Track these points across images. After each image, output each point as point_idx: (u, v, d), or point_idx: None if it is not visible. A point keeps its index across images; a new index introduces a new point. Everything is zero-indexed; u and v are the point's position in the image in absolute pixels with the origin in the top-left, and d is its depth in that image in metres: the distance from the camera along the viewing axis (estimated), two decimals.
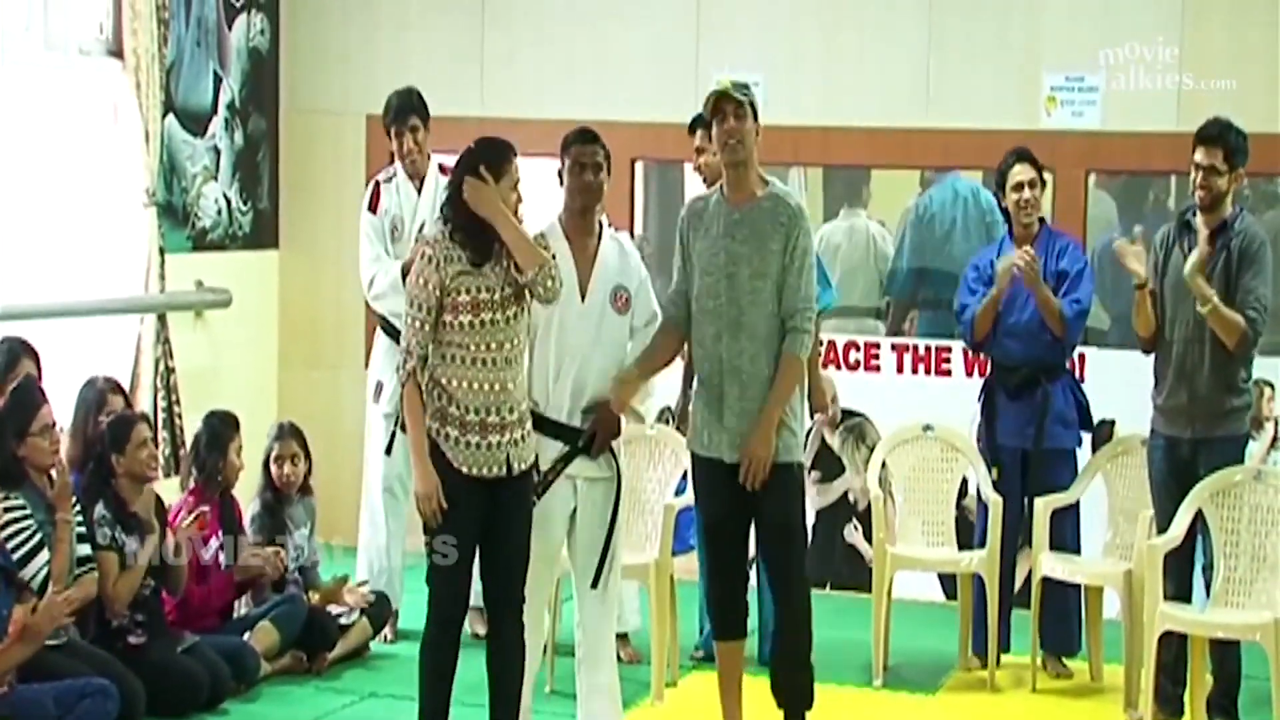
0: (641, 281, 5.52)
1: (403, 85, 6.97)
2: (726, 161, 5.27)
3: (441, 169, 6.78)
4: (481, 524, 5.13)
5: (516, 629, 5.25)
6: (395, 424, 6.68)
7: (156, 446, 6.17)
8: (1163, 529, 5.94)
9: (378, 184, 6.84)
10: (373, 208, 6.79)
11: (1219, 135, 5.82)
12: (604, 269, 5.40)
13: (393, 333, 6.76)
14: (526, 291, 5.09)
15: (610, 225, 5.62)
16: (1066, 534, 6.49)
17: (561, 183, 5.48)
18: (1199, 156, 5.83)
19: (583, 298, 5.36)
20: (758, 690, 5.41)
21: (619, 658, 6.59)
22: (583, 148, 5.38)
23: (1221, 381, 5.84)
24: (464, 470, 5.08)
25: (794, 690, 5.30)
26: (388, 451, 6.72)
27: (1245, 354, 5.87)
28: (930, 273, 8.55)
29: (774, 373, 5.16)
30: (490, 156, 5.12)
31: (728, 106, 5.21)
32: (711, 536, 5.34)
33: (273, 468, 6.61)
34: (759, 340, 5.17)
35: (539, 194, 5.78)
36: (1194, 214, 5.94)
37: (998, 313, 6.46)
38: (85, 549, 5.80)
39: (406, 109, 6.71)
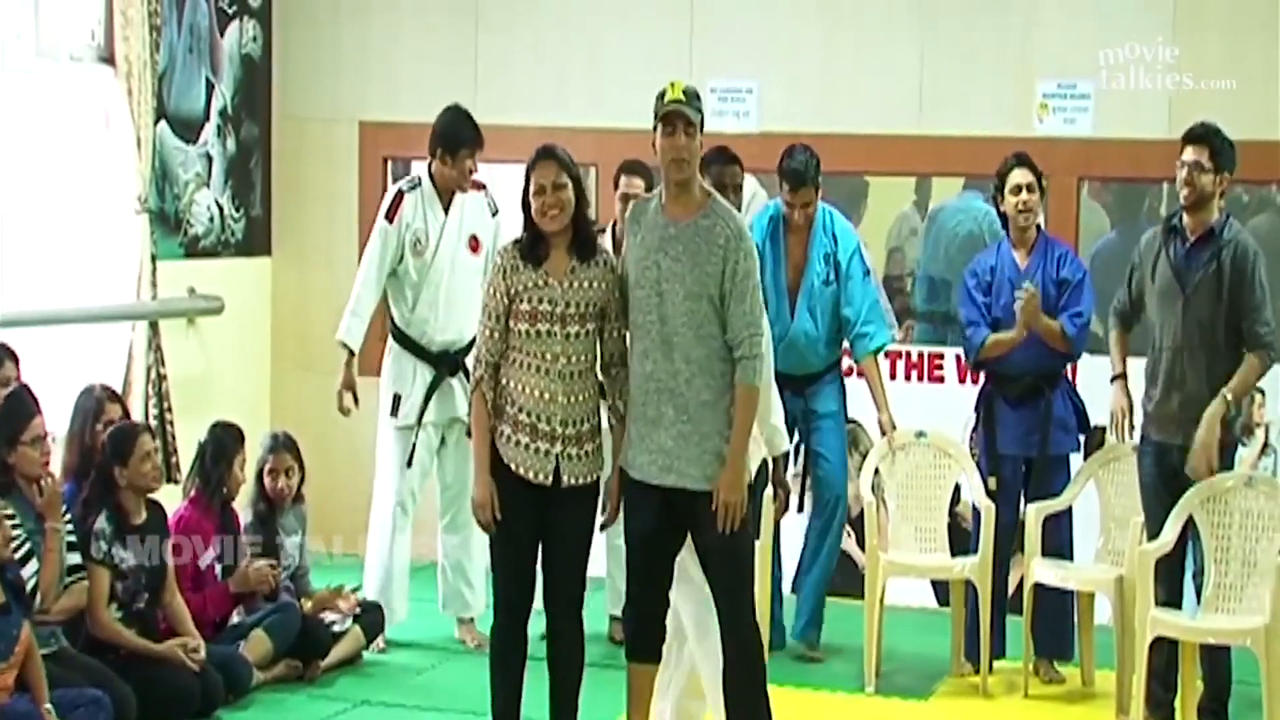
0: None
1: (396, 93, 6.96)
2: (673, 179, 5.11)
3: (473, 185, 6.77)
4: (536, 524, 5.19)
5: (573, 629, 5.29)
6: (415, 436, 6.70)
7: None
8: (1153, 535, 5.95)
9: (400, 192, 6.73)
10: (390, 216, 6.70)
11: (1205, 135, 5.88)
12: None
13: (407, 344, 6.76)
14: (605, 312, 5.16)
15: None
16: (1062, 540, 6.51)
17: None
18: (1185, 154, 5.88)
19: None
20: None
21: (614, 639, 6.59)
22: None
23: (1211, 389, 5.84)
24: (512, 468, 5.18)
25: None
26: (409, 464, 6.72)
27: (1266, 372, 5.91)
28: (938, 283, 8.61)
29: (715, 397, 5.03)
30: (526, 175, 5.24)
31: (679, 121, 5.04)
32: (637, 556, 5.20)
33: (267, 480, 6.58)
34: (695, 362, 5.02)
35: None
36: (1180, 218, 5.96)
37: (996, 318, 6.49)
38: (75, 557, 5.80)
39: (473, 136, 6.62)
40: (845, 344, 6.83)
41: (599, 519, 5.30)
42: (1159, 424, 5.96)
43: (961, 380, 7.47)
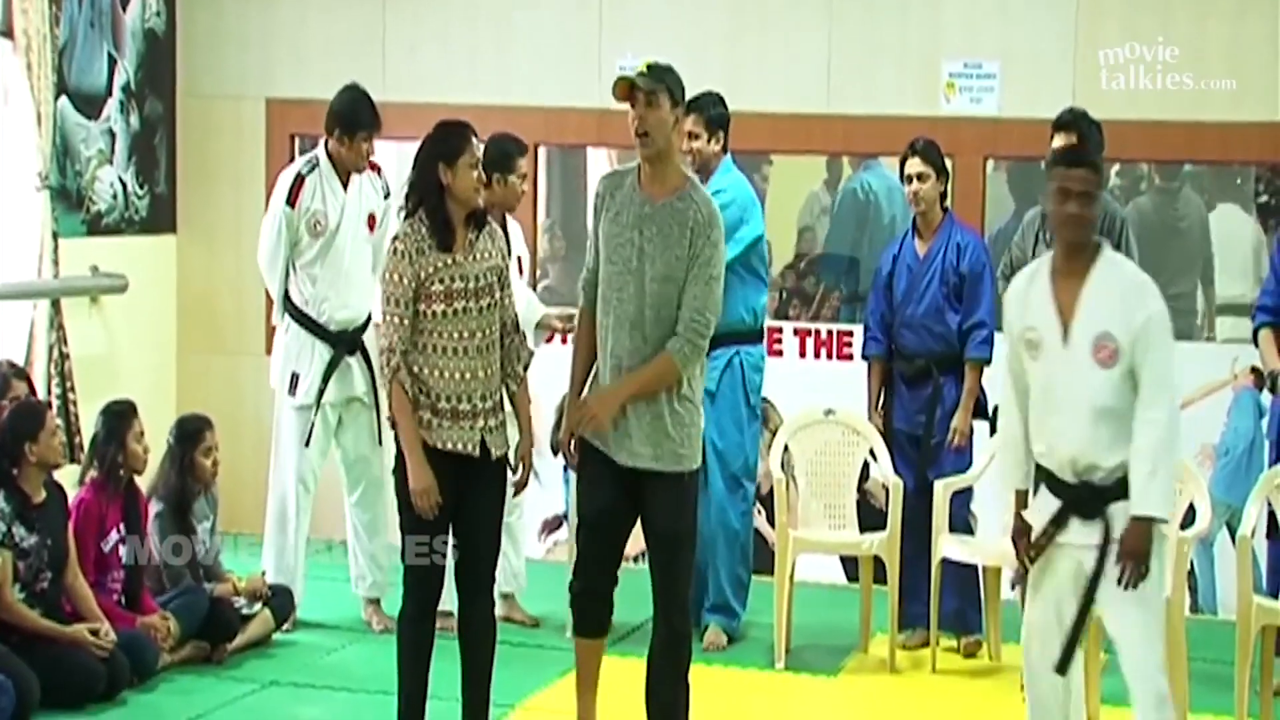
0: None
1: (303, 70, 6.91)
2: (641, 154, 5.06)
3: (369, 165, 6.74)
4: (453, 500, 5.15)
5: (486, 611, 5.28)
6: (314, 414, 6.65)
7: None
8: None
9: (300, 176, 6.68)
10: (292, 201, 6.64)
11: (1073, 121, 6.03)
12: None
13: (306, 322, 6.70)
14: (502, 279, 5.18)
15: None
16: (957, 515, 6.55)
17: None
18: (1056, 142, 6.00)
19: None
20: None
21: (510, 619, 6.59)
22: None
23: None
24: (436, 445, 5.12)
25: (670, 709, 5.15)
26: (306, 444, 6.66)
27: None
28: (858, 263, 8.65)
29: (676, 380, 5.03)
30: (445, 151, 5.14)
31: (636, 94, 4.99)
32: (589, 530, 5.18)
33: (203, 461, 6.45)
34: (653, 342, 5.00)
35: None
36: None
37: (894, 304, 6.57)
38: None
39: (371, 119, 6.60)
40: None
41: (510, 487, 5.31)
42: None
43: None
